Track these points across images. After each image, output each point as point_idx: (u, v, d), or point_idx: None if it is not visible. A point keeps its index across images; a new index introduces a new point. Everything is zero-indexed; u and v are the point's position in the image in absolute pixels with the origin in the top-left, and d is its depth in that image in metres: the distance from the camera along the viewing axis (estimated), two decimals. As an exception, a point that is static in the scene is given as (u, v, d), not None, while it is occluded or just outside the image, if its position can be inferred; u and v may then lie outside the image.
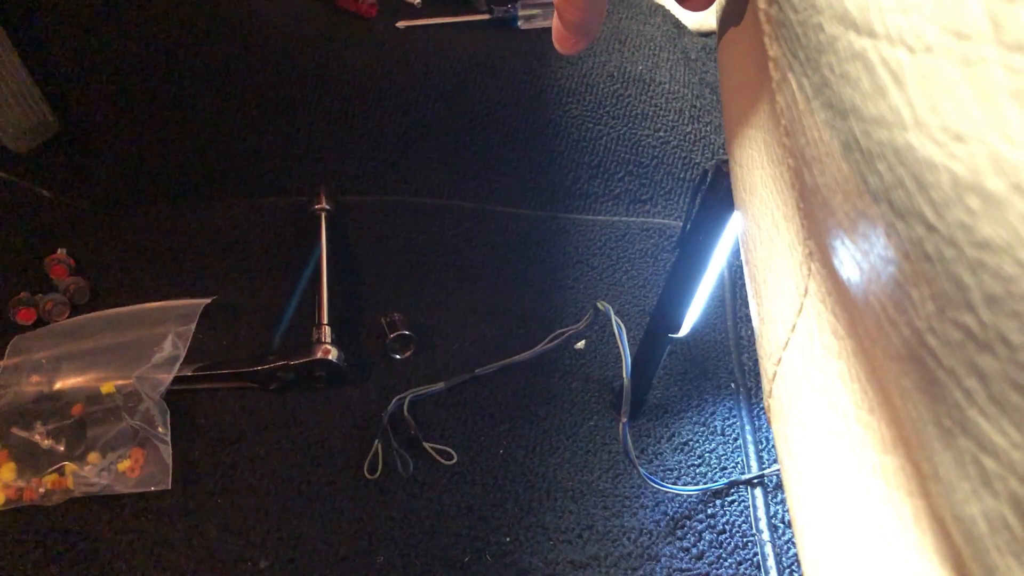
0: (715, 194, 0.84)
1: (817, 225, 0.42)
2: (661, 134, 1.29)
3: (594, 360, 1.06)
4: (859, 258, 0.33)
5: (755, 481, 0.90)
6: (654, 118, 1.30)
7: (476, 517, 0.87)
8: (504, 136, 1.28)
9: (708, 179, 0.85)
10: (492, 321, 1.10)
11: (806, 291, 0.49)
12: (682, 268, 0.89)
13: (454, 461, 0.92)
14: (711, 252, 0.87)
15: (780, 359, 0.52)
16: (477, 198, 1.26)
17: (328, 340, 1.01)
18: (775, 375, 0.53)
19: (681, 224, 1.27)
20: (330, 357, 0.98)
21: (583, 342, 1.08)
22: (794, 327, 0.51)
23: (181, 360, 0.97)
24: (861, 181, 0.30)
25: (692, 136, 1.31)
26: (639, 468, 0.86)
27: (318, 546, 0.83)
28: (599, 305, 1.08)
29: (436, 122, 1.28)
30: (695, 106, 1.34)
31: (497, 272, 1.17)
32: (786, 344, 0.52)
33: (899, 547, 0.36)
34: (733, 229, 0.86)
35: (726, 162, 0.82)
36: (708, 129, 1.32)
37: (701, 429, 0.97)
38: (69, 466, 0.87)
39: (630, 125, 1.29)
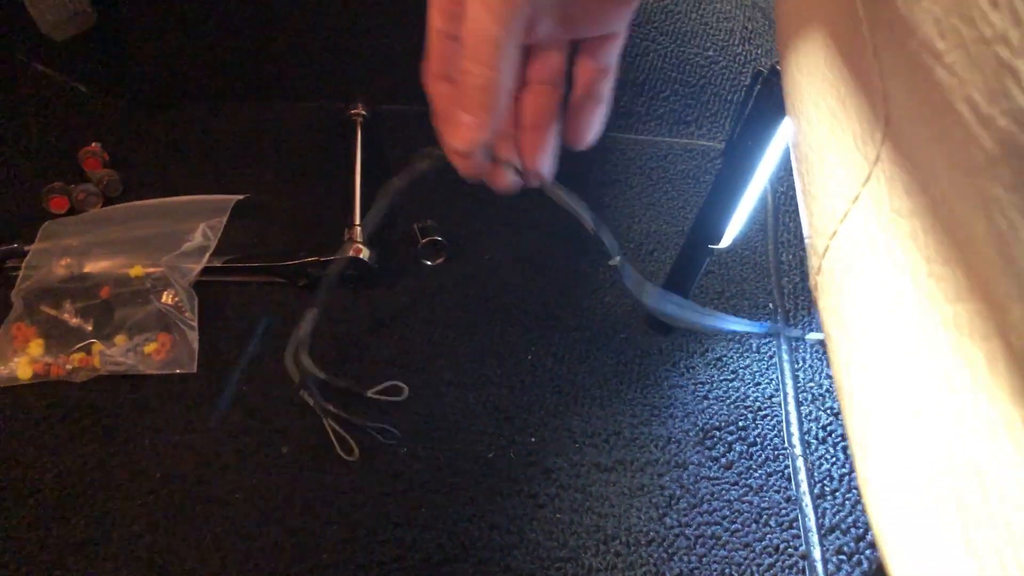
0: (768, 98, 0.81)
1: (896, 52, 0.39)
2: (710, 54, 1.25)
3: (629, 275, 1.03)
4: (952, 56, 0.30)
5: (788, 396, 0.88)
6: (704, 36, 1.26)
7: (502, 417, 0.85)
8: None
9: (761, 81, 0.82)
10: (526, 234, 1.07)
11: (877, 158, 0.46)
12: (728, 175, 0.86)
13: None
14: (759, 159, 0.84)
15: (835, 232, 0.49)
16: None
17: (360, 240, 0.99)
18: (826, 250, 0.50)
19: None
20: (362, 256, 0.97)
21: (619, 258, 1.06)
22: (857, 198, 0.48)
23: (211, 251, 0.96)
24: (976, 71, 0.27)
25: (742, 58, 1.26)
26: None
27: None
28: (612, 263, 1.05)
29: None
30: (747, 27, 1.29)
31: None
32: (844, 216, 0.49)
33: (966, 395, 0.34)
34: (782, 138, 0.83)
35: (779, 65, 0.79)
36: (759, 52, 1.27)
37: (736, 346, 0.94)
38: (96, 345, 0.86)
39: (678, 42, 1.24)
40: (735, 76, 1.25)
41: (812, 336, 0.92)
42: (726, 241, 0.90)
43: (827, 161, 0.52)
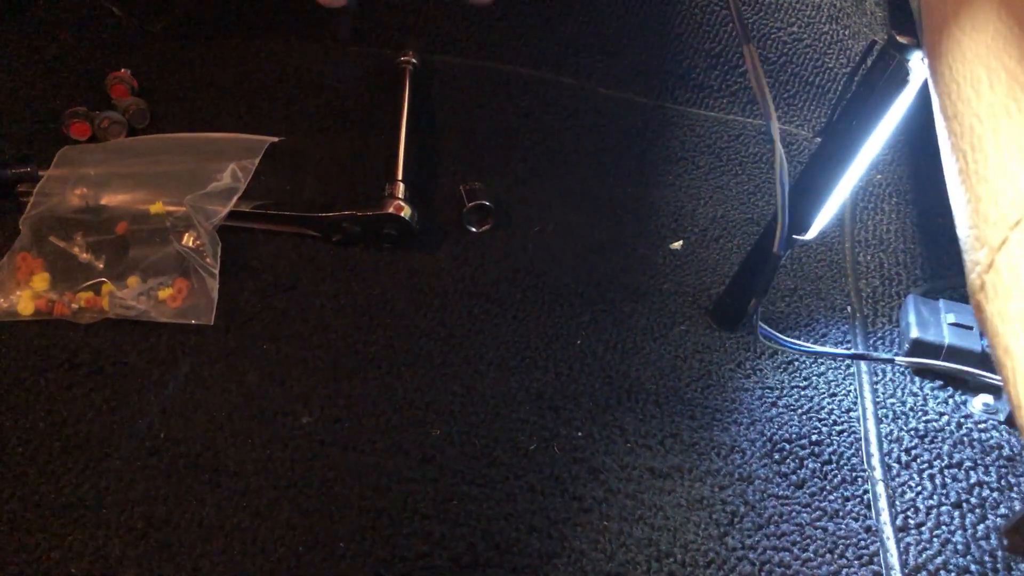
0: (881, 72, 0.71)
1: None
2: (794, 30, 1.15)
3: (691, 263, 0.94)
4: None
5: (868, 412, 0.79)
6: (789, 11, 1.16)
7: (546, 406, 0.76)
8: (618, 8, 1.15)
9: (877, 50, 0.72)
10: (580, 208, 0.98)
11: None
12: (825, 157, 0.77)
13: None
14: (862, 142, 0.74)
15: (1020, 221, 0.40)
16: (580, 75, 1.14)
17: (402, 196, 0.90)
18: (1004, 242, 0.41)
19: (804, 133, 1.13)
20: (402, 214, 0.88)
21: (680, 242, 0.97)
22: (1017, 224, 0.39)
23: (240, 194, 0.88)
24: None
25: (828, 37, 1.16)
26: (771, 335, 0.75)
27: (368, 409, 0.73)
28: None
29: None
30: (835, 6, 1.18)
31: (591, 158, 1.05)
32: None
33: None
34: (893, 118, 0.73)
35: (901, 35, 0.69)
36: (846, 33, 1.17)
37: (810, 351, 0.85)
38: (106, 285, 0.78)
39: (762, 14, 1.14)
40: (819, 57, 1.15)
41: (902, 360, 0.83)
42: (813, 232, 0.80)
43: (1007, 134, 0.43)
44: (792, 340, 0.83)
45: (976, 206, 0.43)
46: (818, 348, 0.83)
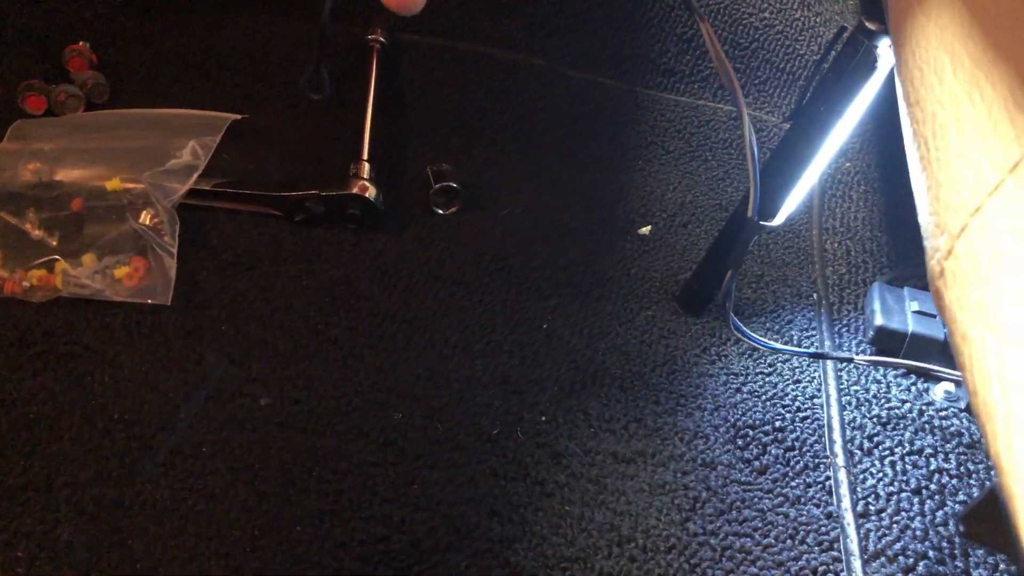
0: (850, 58, 0.71)
1: None
2: (766, 15, 1.14)
3: (659, 249, 0.93)
4: None
5: (831, 399, 0.79)
6: (761, -4, 1.15)
7: (511, 390, 0.76)
8: (588, -6, 1.14)
9: (845, 39, 0.71)
10: (549, 192, 0.97)
11: (992, 190, 0.37)
12: (793, 143, 0.76)
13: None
14: (831, 127, 0.74)
15: (980, 208, 0.40)
16: (550, 57, 1.12)
17: (367, 176, 0.89)
18: (964, 229, 0.40)
19: (774, 120, 1.13)
20: (367, 194, 0.87)
21: (649, 228, 0.96)
22: (1016, 166, 0.38)
23: (200, 172, 0.86)
24: None
25: (800, 24, 1.15)
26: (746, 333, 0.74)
27: (329, 392, 0.72)
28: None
29: (515, -33, 1.14)
30: (807, -8, 1.18)
31: (561, 141, 1.04)
32: (996, 188, 0.39)
33: None
34: (861, 104, 0.73)
35: (869, 21, 0.69)
36: (817, 20, 1.17)
37: (774, 337, 0.85)
38: (60, 263, 0.76)
39: (733, 0, 1.14)
40: (790, 44, 1.14)
41: (861, 359, 0.83)
42: (780, 219, 0.80)
43: (968, 121, 0.43)
44: (759, 337, 0.82)
45: (937, 192, 0.43)
46: (781, 346, 0.82)
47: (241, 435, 0.68)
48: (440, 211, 0.93)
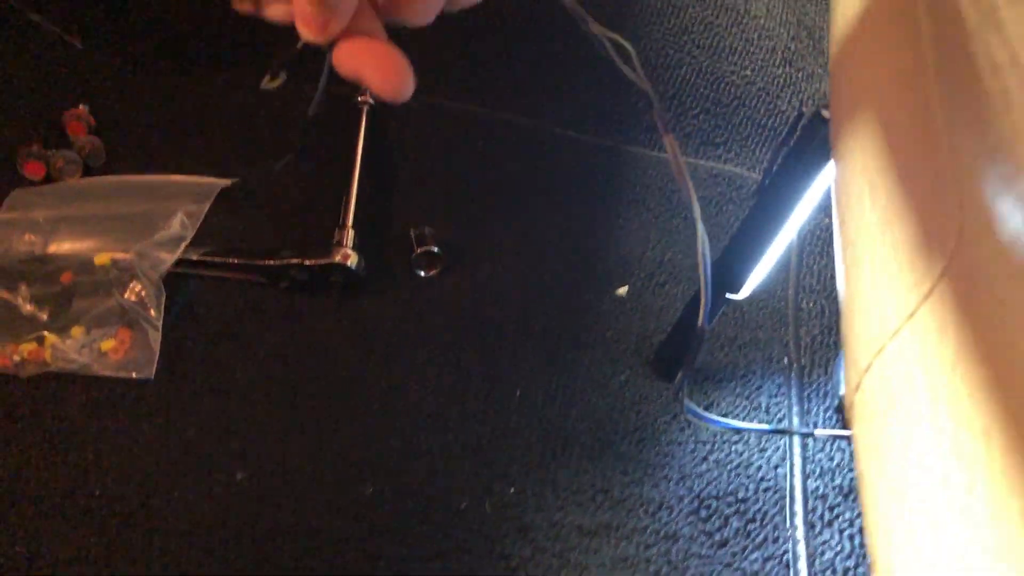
0: (808, 143, 0.73)
1: (984, 161, 0.31)
2: (747, 73, 1.16)
3: (635, 309, 0.95)
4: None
5: (795, 470, 0.81)
6: (743, 54, 1.17)
7: (481, 460, 0.78)
8: (573, 51, 1.16)
9: (802, 124, 0.73)
10: (530, 252, 1.00)
11: (943, 273, 0.39)
12: (756, 221, 0.78)
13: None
14: (792, 208, 0.76)
15: (882, 349, 0.42)
16: (534, 115, 1.15)
17: (349, 244, 0.92)
18: (869, 368, 0.42)
19: (755, 177, 1.15)
20: (349, 263, 0.89)
21: (625, 288, 0.98)
22: (913, 315, 0.40)
23: (187, 242, 0.89)
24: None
25: (781, 80, 1.17)
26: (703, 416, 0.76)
27: (303, 466, 0.75)
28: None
29: (499, 25, 1.17)
30: (789, 48, 1.20)
31: (545, 200, 1.06)
32: (895, 333, 0.41)
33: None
34: (821, 186, 0.75)
35: (826, 109, 0.71)
36: (799, 76, 1.19)
37: (744, 403, 0.87)
38: (49, 337, 0.79)
39: (715, 58, 1.16)
40: (772, 100, 1.17)
41: (821, 432, 0.84)
42: (745, 292, 0.82)
43: (881, 260, 0.45)
44: (716, 417, 0.84)
45: (851, 321, 0.45)
46: (742, 424, 0.84)
47: (217, 511, 0.71)
48: (422, 273, 0.96)
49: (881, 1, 0.51)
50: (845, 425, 0.43)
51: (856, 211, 0.47)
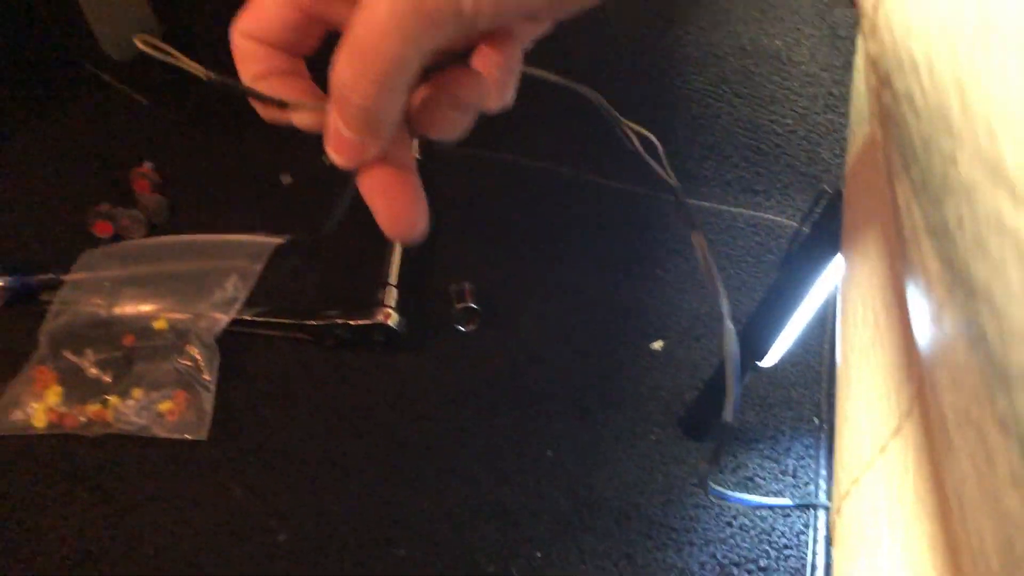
0: (829, 222, 0.74)
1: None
2: (788, 121, 1.17)
3: (669, 365, 0.97)
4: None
5: (820, 538, 0.82)
6: (784, 102, 1.17)
7: (510, 522, 0.81)
8: (614, 101, 1.18)
9: (823, 203, 0.74)
10: (568, 304, 1.02)
11: (908, 412, 0.40)
12: (779, 293, 0.80)
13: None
14: (815, 280, 0.77)
15: (858, 480, 0.43)
16: (575, 164, 1.18)
17: (392, 303, 0.96)
18: (847, 495, 0.44)
19: (795, 226, 1.15)
20: (389, 322, 0.94)
21: (661, 342, 1.00)
22: (884, 448, 0.42)
23: (241, 303, 0.95)
24: (988, 392, 0.22)
25: (823, 127, 1.17)
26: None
27: (341, 528, 0.79)
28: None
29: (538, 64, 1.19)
30: (832, 93, 1.20)
31: (583, 250, 1.09)
32: (870, 466, 0.43)
33: None
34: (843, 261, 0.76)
35: (840, 194, 0.71)
36: (843, 122, 1.18)
37: (771, 466, 0.88)
38: (112, 399, 0.85)
39: (754, 107, 1.17)
40: (813, 148, 1.17)
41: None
42: (771, 360, 0.83)
43: (866, 383, 0.46)
44: (741, 495, 0.85)
45: (839, 441, 0.47)
46: (766, 501, 0.85)
47: (261, 569, 0.76)
48: (461, 328, 1.00)
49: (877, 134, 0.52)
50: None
51: (851, 323, 0.48)
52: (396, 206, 0.33)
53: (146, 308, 0.93)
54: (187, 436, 0.84)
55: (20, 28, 1.15)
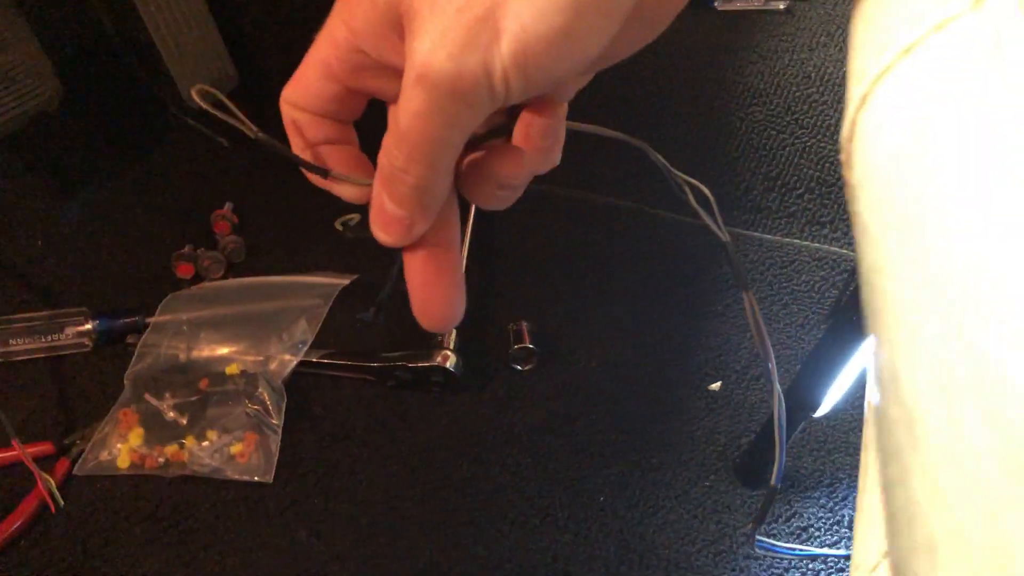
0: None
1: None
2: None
3: (726, 406, 0.97)
4: None
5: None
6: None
7: (560, 570, 0.83)
8: (675, 132, 1.18)
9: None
10: (625, 342, 1.03)
11: (886, 553, 0.40)
12: (830, 345, 0.79)
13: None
14: (863, 335, 0.76)
15: (877, 566, 0.43)
16: (635, 197, 1.18)
17: (451, 346, 0.99)
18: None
19: (851, 254, 1.12)
20: (448, 365, 0.97)
21: (719, 383, 1.00)
22: (875, 568, 0.42)
23: (308, 345, 0.99)
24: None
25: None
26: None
27: (395, 572, 0.83)
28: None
29: (604, 106, 1.20)
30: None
31: (643, 285, 1.10)
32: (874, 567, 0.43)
33: None
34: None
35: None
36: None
37: (826, 515, 0.87)
38: (189, 440, 0.91)
39: (819, 137, 1.14)
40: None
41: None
42: (824, 409, 0.82)
43: (870, 493, 0.46)
44: (790, 546, 0.85)
45: (856, 535, 0.46)
46: (818, 551, 0.84)
47: (320, 611, 0.80)
48: (518, 367, 1.02)
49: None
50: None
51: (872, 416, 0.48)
52: (430, 292, 0.33)
53: (221, 351, 0.99)
54: (255, 479, 0.89)
55: (110, 79, 1.23)
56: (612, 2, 0.28)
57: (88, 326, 1.01)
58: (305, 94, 0.33)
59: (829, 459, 0.92)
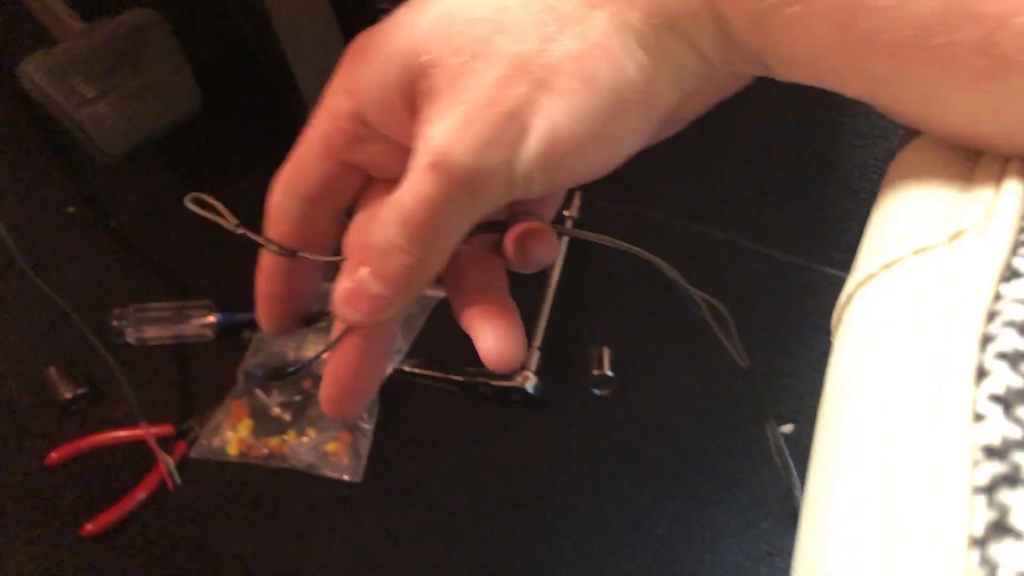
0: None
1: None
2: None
3: (795, 449, 0.99)
4: None
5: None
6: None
7: (613, 599, 0.89)
8: (776, 166, 1.18)
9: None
10: (701, 373, 1.06)
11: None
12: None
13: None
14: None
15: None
16: (730, 228, 1.19)
17: (533, 366, 1.05)
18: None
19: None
20: (527, 385, 1.03)
21: (791, 426, 1.02)
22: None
23: (404, 354, 1.07)
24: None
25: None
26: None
27: (458, 580, 0.91)
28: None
29: (703, 131, 1.21)
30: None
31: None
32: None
33: None
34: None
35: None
36: None
37: (878, 575, 0.89)
38: (291, 434, 1.01)
39: (860, 142, 1.13)
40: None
41: None
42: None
43: None
44: None
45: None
46: None
47: (389, 609, 0.89)
48: (596, 391, 1.07)
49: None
50: None
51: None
52: (496, 335, 0.34)
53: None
54: (345, 477, 0.98)
55: (246, 88, 1.33)
56: (653, 107, 0.27)
57: (211, 319, 1.12)
58: (302, 175, 0.33)
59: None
